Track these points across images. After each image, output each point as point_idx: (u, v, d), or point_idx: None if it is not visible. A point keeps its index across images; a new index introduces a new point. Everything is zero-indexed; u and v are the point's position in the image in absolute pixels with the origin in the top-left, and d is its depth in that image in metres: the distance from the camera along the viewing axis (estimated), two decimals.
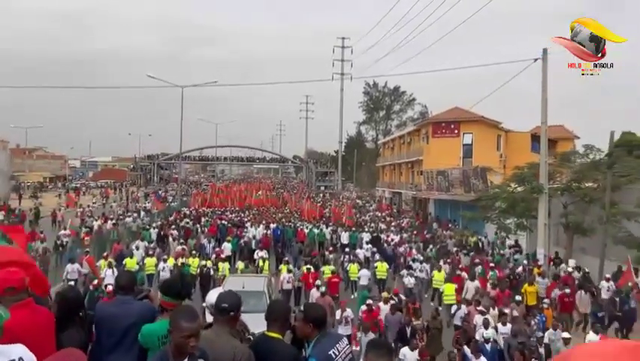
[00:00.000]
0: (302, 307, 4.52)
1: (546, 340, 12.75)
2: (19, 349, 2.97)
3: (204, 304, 4.95)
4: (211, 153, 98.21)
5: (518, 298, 15.94)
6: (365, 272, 20.52)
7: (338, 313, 14.03)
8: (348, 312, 14.03)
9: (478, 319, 13.45)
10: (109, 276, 16.65)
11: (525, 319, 14.10)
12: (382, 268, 21.05)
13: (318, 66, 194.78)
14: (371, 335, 12.27)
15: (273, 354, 3.86)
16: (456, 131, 45.27)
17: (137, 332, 4.14)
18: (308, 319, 4.02)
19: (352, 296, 19.40)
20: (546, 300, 15.88)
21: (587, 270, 20.08)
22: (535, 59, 21.73)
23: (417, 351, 11.23)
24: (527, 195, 25.12)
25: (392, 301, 14.48)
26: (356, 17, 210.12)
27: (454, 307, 15.03)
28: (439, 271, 19.70)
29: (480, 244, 28.73)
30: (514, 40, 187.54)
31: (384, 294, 15.41)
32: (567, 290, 16.48)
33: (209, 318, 4.41)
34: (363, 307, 14.12)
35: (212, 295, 4.54)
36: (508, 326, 12.97)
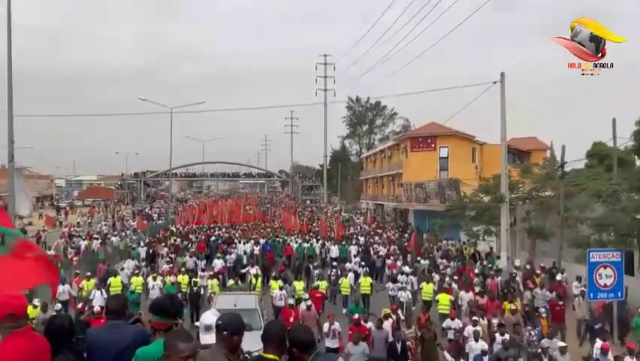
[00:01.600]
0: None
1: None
2: None
3: (196, 324, 4.85)
4: (198, 169, 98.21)
5: (513, 307, 15.68)
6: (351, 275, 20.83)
7: (326, 326, 13.84)
8: (336, 325, 13.82)
9: (469, 329, 13.34)
10: (97, 298, 16.20)
11: (514, 328, 13.95)
12: (366, 282, 20.42)
13: (303, 80, 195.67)
14: (363, 345, 12.18)
15: None
16: (432, 145, 46.25)
17: (130, 356, 3.98)
18: (291, 343, 3.85)
19: (344, 311, 18.21)
20: (542, 309, 15.61)
21: None
22: (495, 82, 23.72)
23: None
24: (493, 204, 26.69)
25: (391, 319, 14.11)
26: (340, 33, 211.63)
27: (447, 321, 14.82)
28: (428, 283, 19.37)
29: (477, 255, 28.41)
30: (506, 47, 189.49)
31: (385, 310, 14.93)
32: (560, 301, 16.30)
33: (203, 339, 4.33)
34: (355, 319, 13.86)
35: (205, 317, 4.48)
36: (506, 336, 12.73)
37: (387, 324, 13.64)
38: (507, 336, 12.70)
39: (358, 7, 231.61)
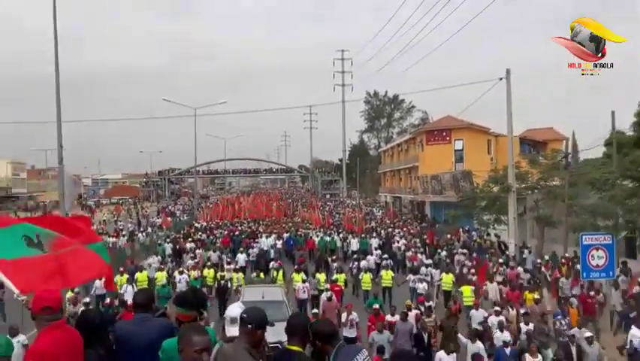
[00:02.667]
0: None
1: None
2: None
3: (224, 316, 4.70)
4: (220, 166, 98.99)
5: (536, 296, 15.57)
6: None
7: (343, 316, 13.87)
8: (354, 315, 13.86)
9: (492, 319, 13.25)
10: (129, 292, 16.26)
11: (542, 317, 13.79)
12: (387, 275, 20.32)
13: (321, 76, 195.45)
14: (386, 333, 12.28)
15: None
16: (448, 138, 46.20)
17: (157, 348, 3.99)
18: (313, 335, 3.89)
19: (364, 305, 17.67)
20: (573, 299, 15.47)
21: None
22: (501, 78, 24.75)
23: (454, 355, 11.02)
24: (501, 194, 27.58)
25: (417, 311, 14.07)
26: (357, 27, 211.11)
27: (472, 311, 14.72)
28: (448, 273, 19.26)
29: (502, 246, 28.22)
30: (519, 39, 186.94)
31: (407, 302, 14.88)
32: (591, 292, 16.23)
33: (228, 332, 4.31)
34: (375, 309, 14.03)
35: (231, 309, 4.49)
36: (531, 325, 12.66)
37: (411, 315, 13.61)
38: (531, 326, 12.62)
39: (371, 2, 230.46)
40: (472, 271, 20.05)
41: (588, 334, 12.08)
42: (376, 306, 14.24)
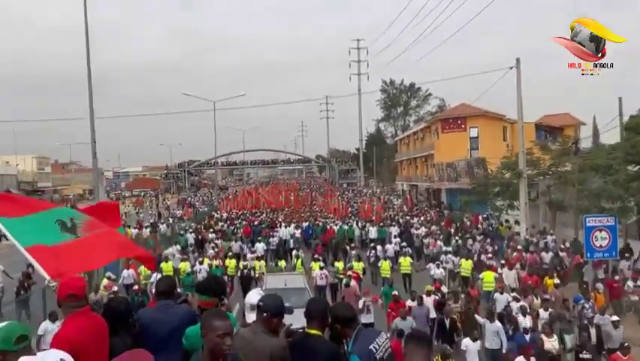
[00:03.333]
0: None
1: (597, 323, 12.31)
2: (54, 354, 2.94)
3: (245, 302, 4.65)
4: (238, 157, 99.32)
5: (557, 281, 15.51)
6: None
7: (360, 302, 13.87)
8: (369, 300, 13.98)
9: (513, 305, 13.16)
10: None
11: (564, 303, 13.70)
12: (405, 262, 20.41)
13: (337, 65, 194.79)
14: (410, 319, 12.25)
15: (315, 351, 3.77)
16: (462, 126, 45.78)
17: (180, 335, 4.01)
18: (333, 319, 3.92)
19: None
20: (599, 284, 15.29)
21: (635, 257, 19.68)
22: (511, 67, 25.08)
23: (478, 342, 10.99)
24: (513, 180, 28.17)
25: (435, 296, 14.08)
26: (372, 15, 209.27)
27: (496, 295, 14.62)
28: (467, 260, 19.18)
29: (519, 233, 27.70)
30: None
31: (428, 287, 14.84)
32: (616, 277, 16.14)
33: (248, 318, 4.31)
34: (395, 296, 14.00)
35: (251, 296, 4.48)
36: (550, 310, 12.62)
37: (429, 301, 13.62)
38: (551, 311, 12.57)
39: None
40: (490, 255, 19.97)
41: (615, 318, 12.06)
42: (396, 293, 14.23)
